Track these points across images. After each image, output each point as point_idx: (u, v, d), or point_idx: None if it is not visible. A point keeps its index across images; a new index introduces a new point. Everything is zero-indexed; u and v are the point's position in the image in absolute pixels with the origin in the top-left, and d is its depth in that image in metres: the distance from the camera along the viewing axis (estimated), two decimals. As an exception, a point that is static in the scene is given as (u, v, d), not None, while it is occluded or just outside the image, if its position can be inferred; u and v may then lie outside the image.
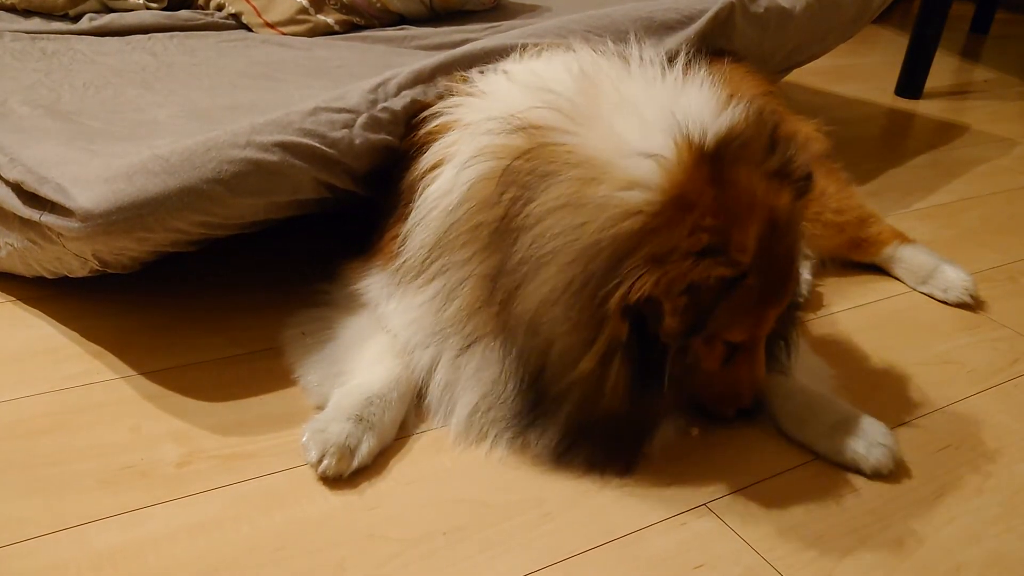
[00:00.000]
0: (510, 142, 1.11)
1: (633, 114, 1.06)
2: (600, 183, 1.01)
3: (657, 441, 1.17)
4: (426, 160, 1.24)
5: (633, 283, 0.98)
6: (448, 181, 1.17)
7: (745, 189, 1.02)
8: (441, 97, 1.34)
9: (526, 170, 1.07)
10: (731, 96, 1.11)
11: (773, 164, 1.05)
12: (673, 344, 1.02)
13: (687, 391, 1.15)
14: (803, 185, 1.09)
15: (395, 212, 1.28)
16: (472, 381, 1.17)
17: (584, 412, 1.10)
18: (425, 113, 1.32)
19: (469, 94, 1.27)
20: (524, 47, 1.41)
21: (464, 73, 1.40)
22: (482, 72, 1.33)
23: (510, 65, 1.31)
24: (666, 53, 1.40)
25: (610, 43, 1.26)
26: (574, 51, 1.26)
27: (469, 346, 1.16)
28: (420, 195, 1.21)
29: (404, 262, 1.22)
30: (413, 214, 1.21)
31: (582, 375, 1.06)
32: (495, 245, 1.10)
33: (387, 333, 1.25)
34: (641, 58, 1.18)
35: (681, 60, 1.17)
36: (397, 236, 1.24)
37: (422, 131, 1.30)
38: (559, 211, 1.03)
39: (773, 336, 1.22)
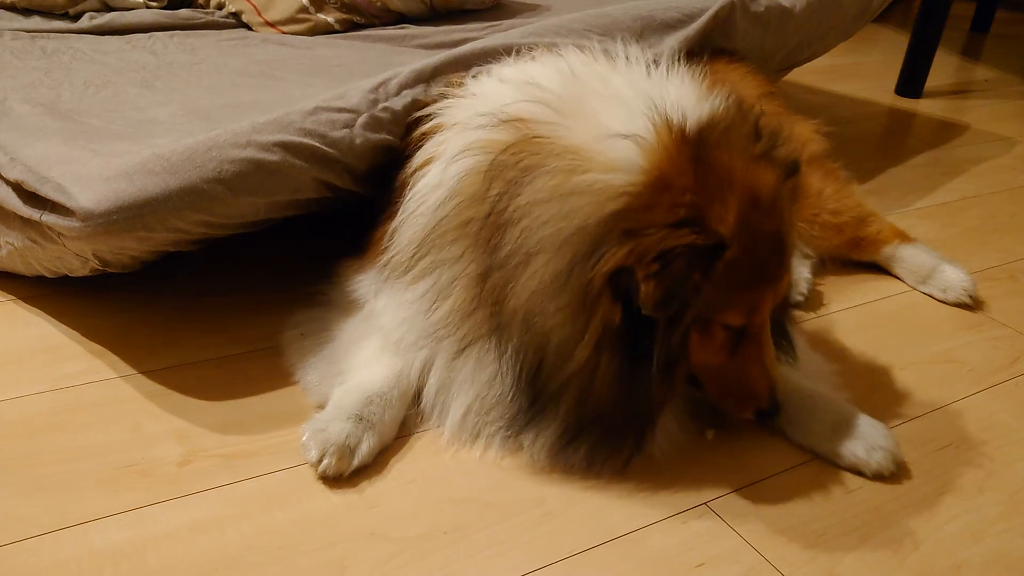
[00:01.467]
0: (497, 136, 1.12)
1: (616, 103, 1.08)
2: (585, 170, 1.03)
3: (661, 439, 1.17)
4: (417, 158, 1.25)
5: (608, 256, 1.00)
6: (436, 176, 1.18)
7: (726, 168, 1.03)
8: (444, 96, 1.34)
9: (511, 163, 1.08)
10: (713, 89, 1.14)
11: (758, 149, 1.07)
12: (654, 314, 1.00)
13: (683, 381, 1.13)
14: (791, 168, 1.10)
15: (387, 210, 1.29)
16: (467, 384, 1.17)
17: (582, 406, 1.09)
18: (419, 113, 1.32)
19: (460, 96, 1.28)
20: (524, 47, 1.41)
21: (461, 74, 1.40)
22: (475, 76, 1.33)
23: (501, 68, 1.31)
24: (667, 52, 1.40)
25: (596, 42, 1.26)
26: (565, 54, 1.26)
27: (464, 349, 1.16)
28: (409, 190, 1.22)
29: (392, 257, 1.22)
30: (402, 209, 1.22)
31: (579, 364, 1.05)
32: (484, 242, 1.10)
33: (381, 330, 1.25)
34: (627, 56, 1.21)
35: (666, 57, 1.19)
36: (386, 232, 1.25)
37: (417, 131, 1.30)
38: (545, 203, 1.05)
39: (774, 333, 1.20)
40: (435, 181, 1.18)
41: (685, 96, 1.10)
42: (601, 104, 1.10)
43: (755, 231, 1.03)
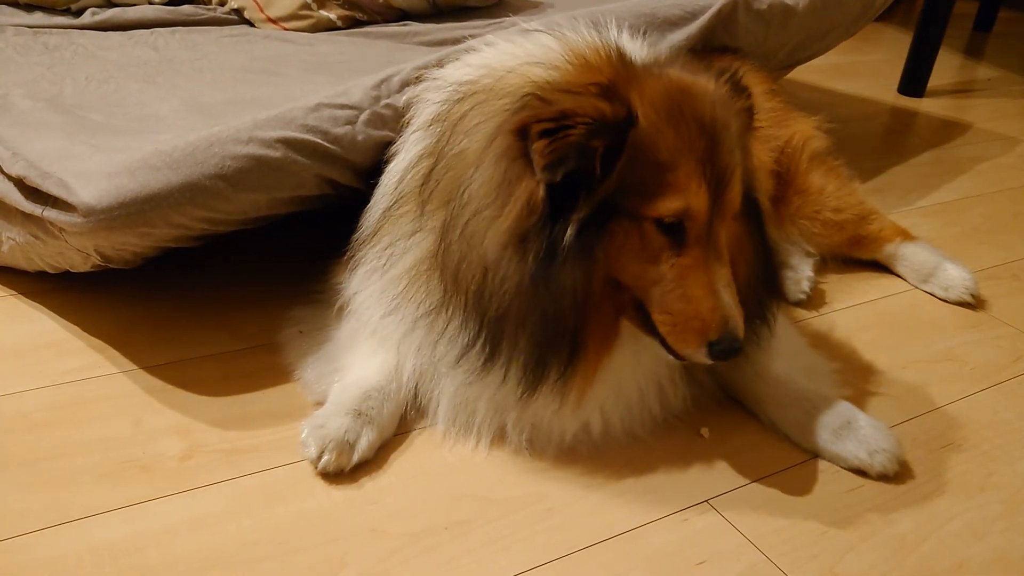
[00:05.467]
0: (444, 107, 1.15)
1: (542, 41, 1.12)
2: (507, 74, 1.07)
3: (616, 408, 1.16)
4: (394, 148, 1.27)
5: (514, 118, 1.00)
6: (401, 158, 1.22)
7: (658, 73, 1.05)
8: (420, 81, 1.35)
9: (454, 111, 1.12)
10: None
11: (698, 69, 1.10)
12: (544, 177, 0.97)
13: (603, 283, 1.04)
14: (736, 83, 1.11)
15: None
16: (446, 367, 1.15)
17: (527, 316, 1.02)
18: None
19: (431, 83, 1.28)
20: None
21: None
22: (445, 65, 1.33)
23: (469, 55, 1.30)
24: (669, 49, 1.40)
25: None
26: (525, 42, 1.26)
27: (427, 316, 1.12)
28: (383, 175, 1.25)
29: (360, 236, 1.23)
30: (373, 195, 1.24)
31: (509, 266, 1.00)
32: (432, 193, 1.10)
33: (355, 313, 1.25)
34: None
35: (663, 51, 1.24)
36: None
37: (401, 123, 1.32)
38: (475, 108, 1.07)
39: (750, 313, 1.13)
40: (402, 164, 1.21)
41: (627, 41, 1.14)
42: (530, 48, 1.13)
43: (680, 111, 1.02)
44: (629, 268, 1.04)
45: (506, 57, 1.14)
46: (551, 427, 1.16)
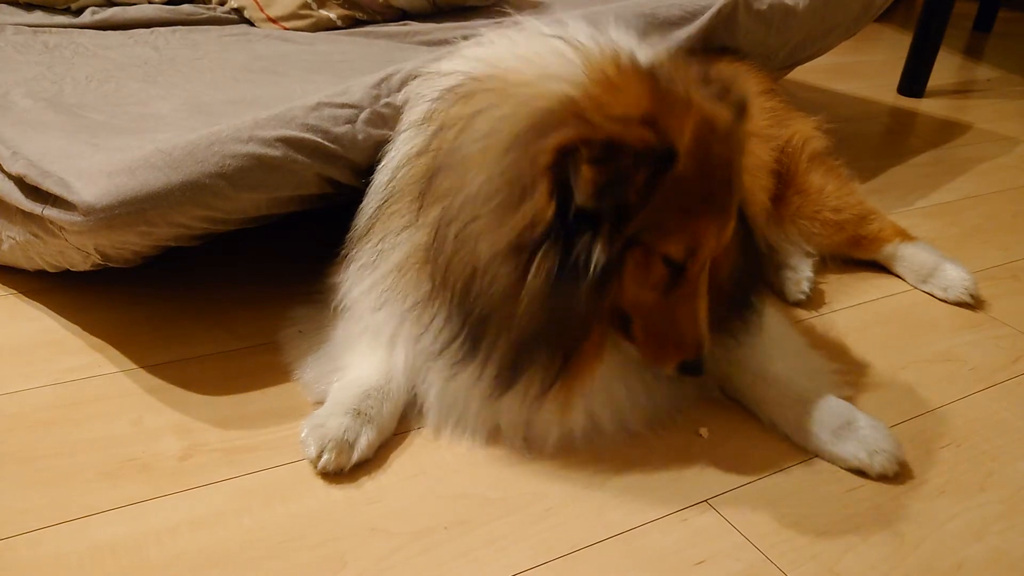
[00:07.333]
0: (436, 104, 1.14)
1: (555, 48, 1.09)
2: (520, 85, 1.04)
3: (604, 401, 1.17)
4: (388, 145, 1.27)
5: (557, 134, 0.97)
6: (392, 155, 1.22)
7: (681, 92, 1.03)
8: (415, 77, 1.35)
9: (447, 105, 1.10)
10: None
11: (711, 89, 1.08)
12: (589, 204, 0.96)
13: (612, 307, 1.07)
14: (742, 107, 1.11)
15: None
16: (427, 357, 1.15)
17: (509, 327, 1.03)
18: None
19: (425, 78, 1.28)
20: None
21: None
22: (440, 59, 1.33)
23: (463, 49, 1.28)
24: (668, 50, 1.40)
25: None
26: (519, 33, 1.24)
27: (414, 309, 1.13)
28: (376, 173, 1.25)
29: (353, 235, 1.24)
30: (368, 190, 1.24)
31: (506, 272, 1.00)
32: (426, 189, 1.09)
33: (349, 310, 1.25)
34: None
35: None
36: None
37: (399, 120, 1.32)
38: (479, 116, 1.05)
39: (738, 303, 1.20)
40: (392, 162, 1.21)
41: (630, 42, 1.12)
42: (542, 52, 1.10)
43: (708, 154, 1.02)
44: (630, 293, 1.07)
45: (513, 60, 1.11)
46: (537, 428, 1.17)
